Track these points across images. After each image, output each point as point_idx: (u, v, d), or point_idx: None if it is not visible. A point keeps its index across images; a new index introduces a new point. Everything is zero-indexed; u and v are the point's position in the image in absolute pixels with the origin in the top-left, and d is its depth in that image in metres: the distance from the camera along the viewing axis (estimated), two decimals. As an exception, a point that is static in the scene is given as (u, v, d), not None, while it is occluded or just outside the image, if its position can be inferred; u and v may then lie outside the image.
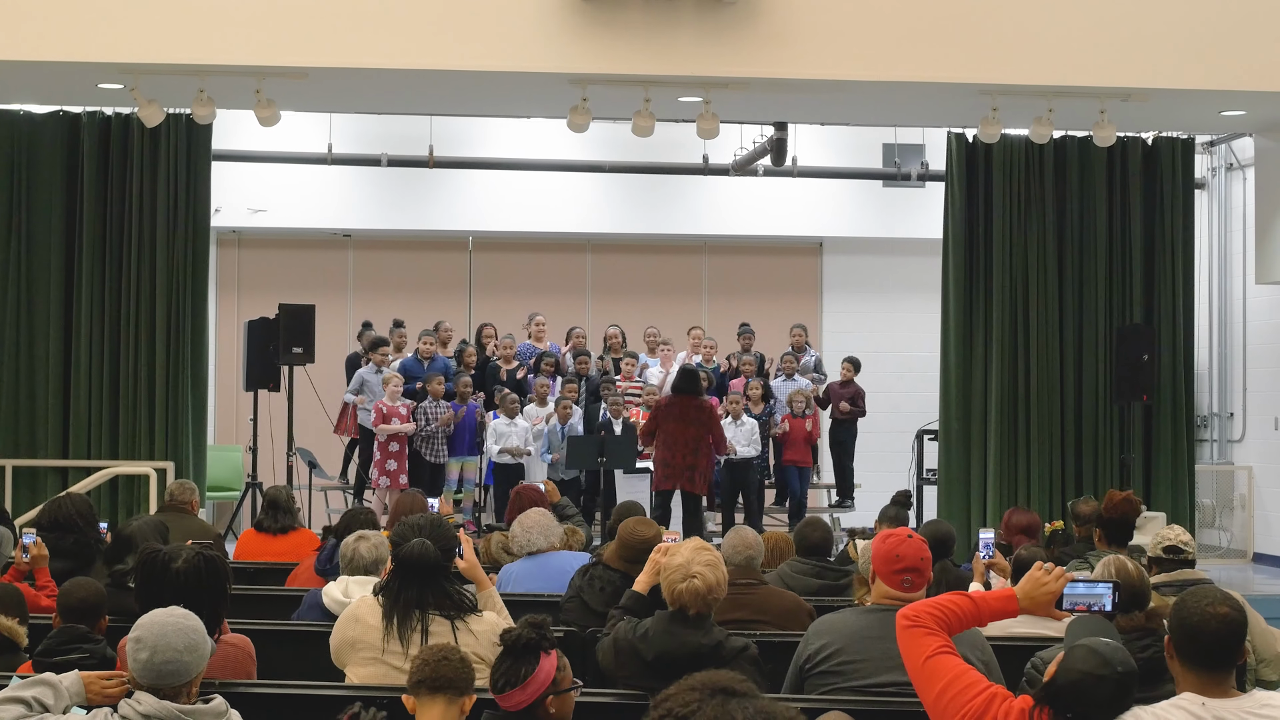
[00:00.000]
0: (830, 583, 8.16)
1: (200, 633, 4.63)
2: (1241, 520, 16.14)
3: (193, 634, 4.59)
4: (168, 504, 10.30)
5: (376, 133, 16.70)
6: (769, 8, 12.15)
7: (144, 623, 4.60)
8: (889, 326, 18.77)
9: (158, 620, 4.60)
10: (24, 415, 14.17)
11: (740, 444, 14.87)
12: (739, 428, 14.92)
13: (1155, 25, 12.57)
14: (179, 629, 4.57)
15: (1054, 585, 4.78)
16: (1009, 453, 14.90)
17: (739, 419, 14.99)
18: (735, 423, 14.93)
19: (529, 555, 8.16)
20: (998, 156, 14.89)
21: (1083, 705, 4.25)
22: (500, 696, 4.80)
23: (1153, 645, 5.36)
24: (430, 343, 15.45)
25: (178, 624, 4.59)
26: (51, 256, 14.16)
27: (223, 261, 17.91)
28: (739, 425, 14.94)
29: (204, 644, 4.64)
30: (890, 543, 5.41)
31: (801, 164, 16.76)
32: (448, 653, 4.79)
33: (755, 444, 14.99)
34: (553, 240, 18.61)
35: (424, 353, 15.40)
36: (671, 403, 13.79)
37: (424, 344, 15.46)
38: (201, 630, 4.65)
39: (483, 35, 12.10)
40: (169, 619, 4.61)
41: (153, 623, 4.59)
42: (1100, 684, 4.24)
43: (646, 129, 12.68)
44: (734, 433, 14.87)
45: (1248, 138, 15.60)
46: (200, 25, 11.95)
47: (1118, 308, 15.12)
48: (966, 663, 4.60)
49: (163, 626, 4.56)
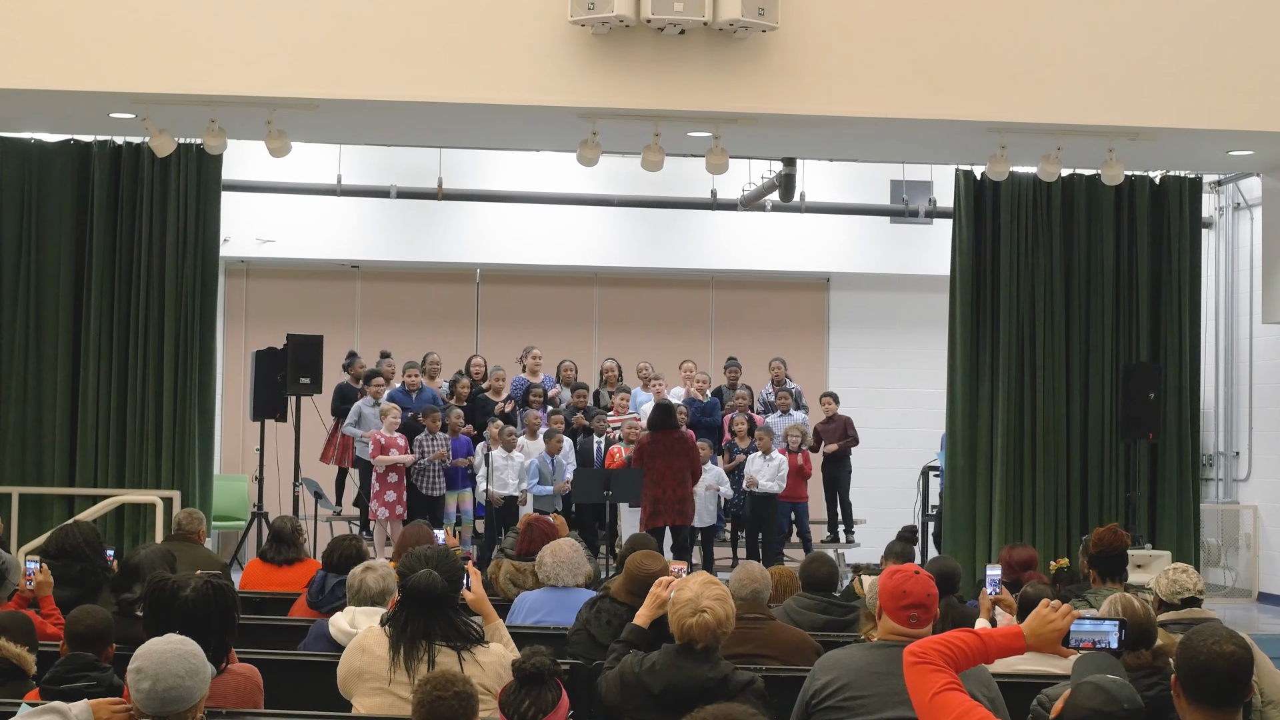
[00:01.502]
0: (836, 618, 8.15)
1: (200, 657, 4.64)
2: (1246, 559, 16.11)
3: (192, 659, 4.60)
4: (175, 533, 10.30)
5: (385, 164, 16.74)
6: (779, 44, 12.19)
7: (142, 653, 4.61)
8: (896, 362, 18.77)
9: (156, 649, 4.60)
10: (31, 443, 14.18)
11: (765, 479, 14.87)
12: (768, 463, 14.94)
13: (1164, 65, 12.61)
14: (178, 655, 4.58)
15: (1061, 623, 4.76)
16: (1014, 490, 14.88)
17: (768, 454, 15.01)
18: (765, 457, 14.96)
19: (551, 587, 8.13)
20: (1006, 194, 14.91)
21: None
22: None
23: (1159, 684, 5.36)
24: (415, 375, 15.43)
25: (176, 650, 4.60)
26: (60, 284, 14.19)
27: (231, 291, 17.92)
28: (768, 460, 14.96)
29: (204, 668, 4.64)
30: (897, 579, 5.41)
31: (810, 200, 16.79)
32: (443, 689, 4.71)
33: (781, 480, 14.96)
34: (560, 274, 18.63)
35: (410, 385, 15.38)
36: (655, 439, 13.85)
37: (409, 376, 15.43)
38: (201, 655, 4.66)
39: (493, 68, 12.15)
40: (167, 646, 4.61)
41: (151, 651, 4.60)
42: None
43: (656, 164, 12.71)
44: (761, 466, 14.90)
45: (1255, 177, 15.61)
46: (212, 56, 12.00)
47: (1124, 346, 15.13)
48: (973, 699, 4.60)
49: (162, 655, 4.57)
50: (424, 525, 9.75)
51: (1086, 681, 4.34)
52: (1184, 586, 7.35)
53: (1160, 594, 7.22)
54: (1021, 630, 4.79)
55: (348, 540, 8.43)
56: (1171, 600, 7.33)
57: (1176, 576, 7.43)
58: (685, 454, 13.83)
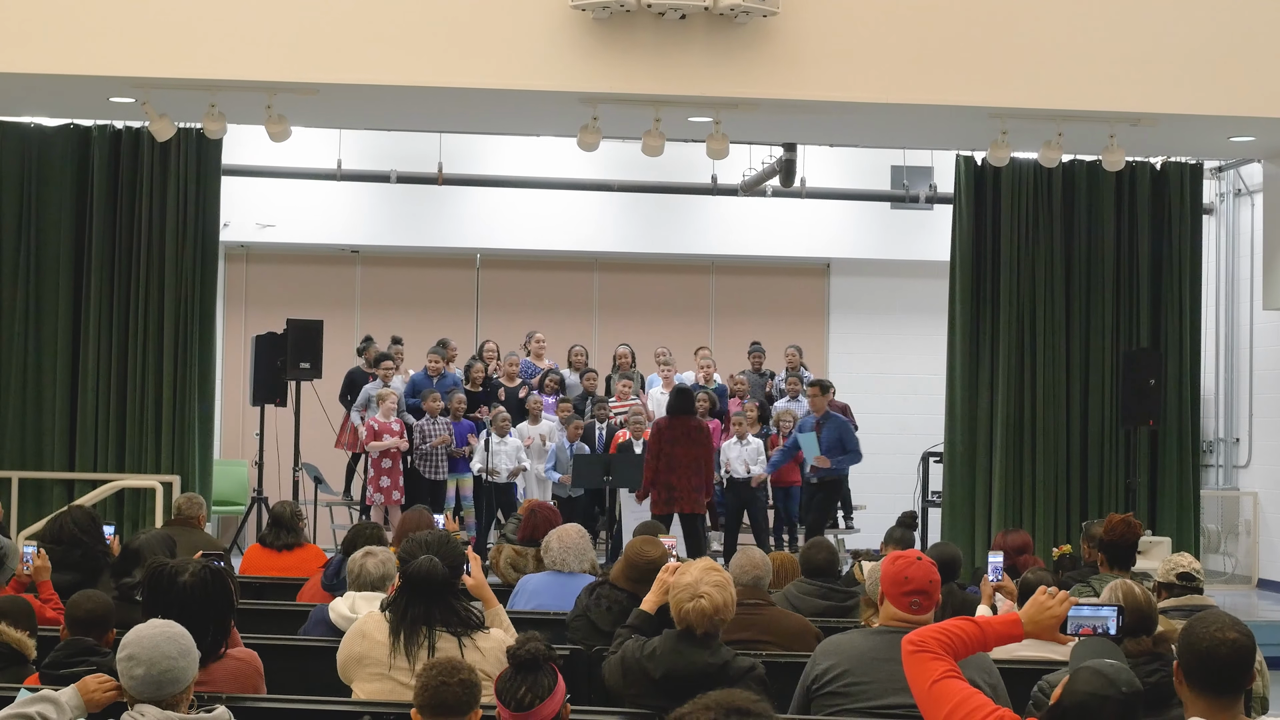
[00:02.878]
0: (836, 604, 8.15)
1: (188, 638, 4.70)
2: (1246, 546, 16.12)
3: (182, 639, 4.67)
4: (175, 518, 10.30)
5: (385, 149, 16.72)
6: (779, 29, 12.17)
7: (130, 639, 4.66)
8: (895, 348, 18.76)
9: (145, 634, 4.65)
10: (31, 428, 14.18)
11: (746, 463, 14.85)
12: (744, 447, 14.90)
13: (1165, 50, 12.59)
14: (168, 637, 4.64)
15: (1058, 609, 4.80)
16: (1014, 475, 14.88)
17: (744, 439, 14.97)
18: (740, 442, 14.91)
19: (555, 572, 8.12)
20: (1006, 180, 14.89)
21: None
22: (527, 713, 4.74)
23: (1160, 670, 5.35)
24: (437, 360, 15.44)
25: (165, 633, 4.66)
26: (60, 269, 14.19)
27: (231, 276, 17.91)
28: (744, 445, 14.92)
29: (193, 649, 4.70)
30: (899, 564, 5.41)
31: (810, 185, 16.78)
32: (447, 675, 4.69)
33: (761, 464, 14.94)
34: (560, 259, 18.62)
35: (433, 370, 15.38)
36: (673, 424, 13.60)
37: (431, 361, 15.44)
38: (188, 636, 4.72)
39: (493, 53, 12.13)
40: (155, 630, 4.67)
41: (141, 637, 4.64)
42: (1105, 704, 4.23)
43: (657, 149, 12.69)
44: (739, 452, 14.86)
45: (1256, 163, 15.60)
46: (211, 41, 11.98)
47: (1125, 332, 15.12)
48: (974, 686, 4.60)
49: (153, 639, 4.62)
50: (424, 510, 9.73)
51: (1084, 666, 4.34)
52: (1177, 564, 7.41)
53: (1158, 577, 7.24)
54: (1020, 618, 4.81)
55: (370, 527, 8.46)
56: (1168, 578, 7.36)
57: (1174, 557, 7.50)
58: (702, 442, 13.57)
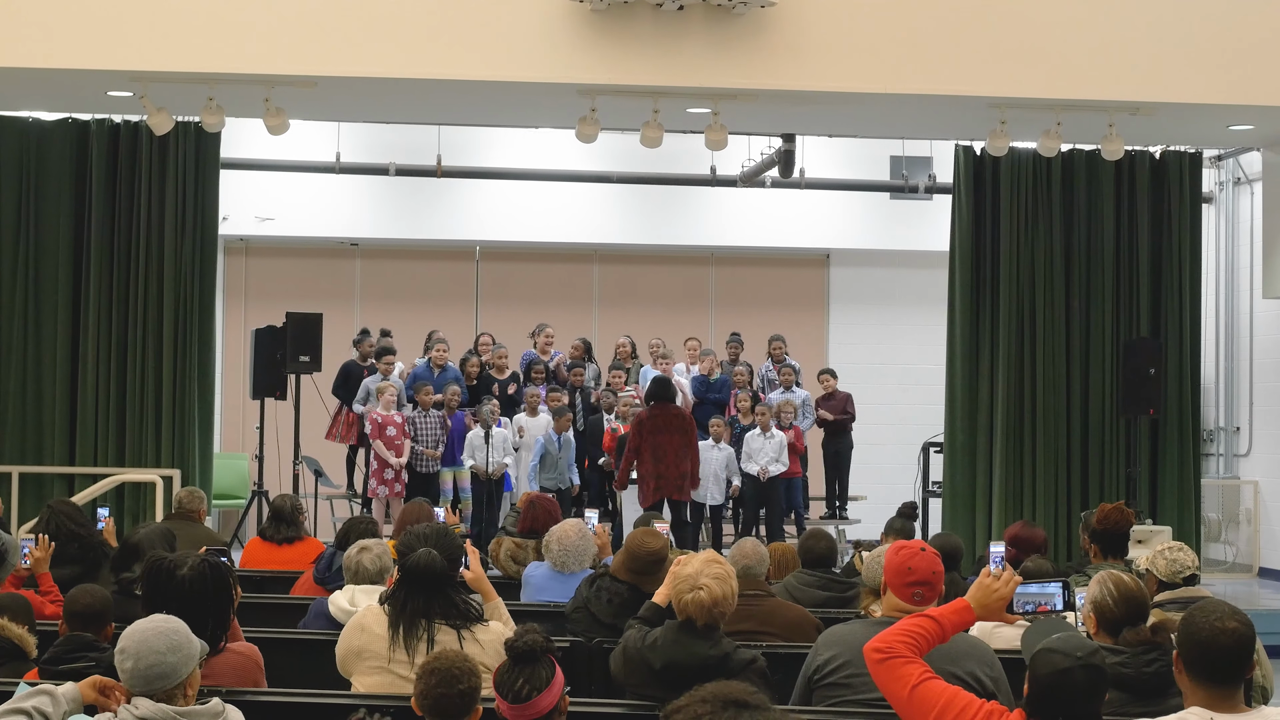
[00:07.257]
0: (836, 594, 8.14)
1: (183, 634, 4.67)
2: (1247, 535, 16.13)
3: (174, 635, 4.64)
4: (175, 512, 10.29)
5: (384, 142, 16.72)
6: (778, 20, 12.16)
7: (126, 633, 4.66)
8: (895, 338, 18.75)
9: (139, 628, 4.65)
10: (31, 422, 14.19)
11: (766, 461, 14.68)
12: (768, 440, 14.79)
13: (1164, 40, 12.58)
14: (159, 632, 4.63)
15: (1004, 590, 4.91)
16: (1014, 466, 14.89)
17: (768, 431, 14.81)
18: (764, 435, 14.80)
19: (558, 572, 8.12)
20: (1005, 169, 14.89)
21: (1066, 703, 4.30)
22: (524, 705, 4.73)
23: (1160, 659, 5.35)
24: (444, 350, 15.39)
25: (158, 628, 4.65)
26: (59, 263, 14.19)
27: (230, 269, 17.91)
28: (768, 438, 14.78)
29: (189, 644, 4.67)
30: (903, 555, 5.39)
31: (809, 176, 16.77)
32: (447, 686, 4.66)
33: (784, 460, 14.81)
34: (560, 250, 18.61)
35: (437, 360, 15.34)
36: (654, 413, 13.69)
37: (438, 352, 15.37)
38: (185, 631, 4.69)
39: (492, 45, 12.12)
40: (149, 625, 4.67)
41: (134, 631, 4.65)
42: (1067, 676, 4.29)
43: (655, 140, 12.68)
44: (762, 445, 14.77)
45: (1256, 152, 15.59)
46: (210, 34, 11.97)
47: (1124, 321, 15.12)
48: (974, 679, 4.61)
49: (143, 633, 4.62)
50: (424, 503, 9.72)
51: (1038, 651, 4.39)
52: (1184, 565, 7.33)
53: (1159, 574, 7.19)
54: (969, 602, 4.84)
55: (363, 521, 8.46)
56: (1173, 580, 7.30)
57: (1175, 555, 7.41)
58: (683, 430, 13.69)
